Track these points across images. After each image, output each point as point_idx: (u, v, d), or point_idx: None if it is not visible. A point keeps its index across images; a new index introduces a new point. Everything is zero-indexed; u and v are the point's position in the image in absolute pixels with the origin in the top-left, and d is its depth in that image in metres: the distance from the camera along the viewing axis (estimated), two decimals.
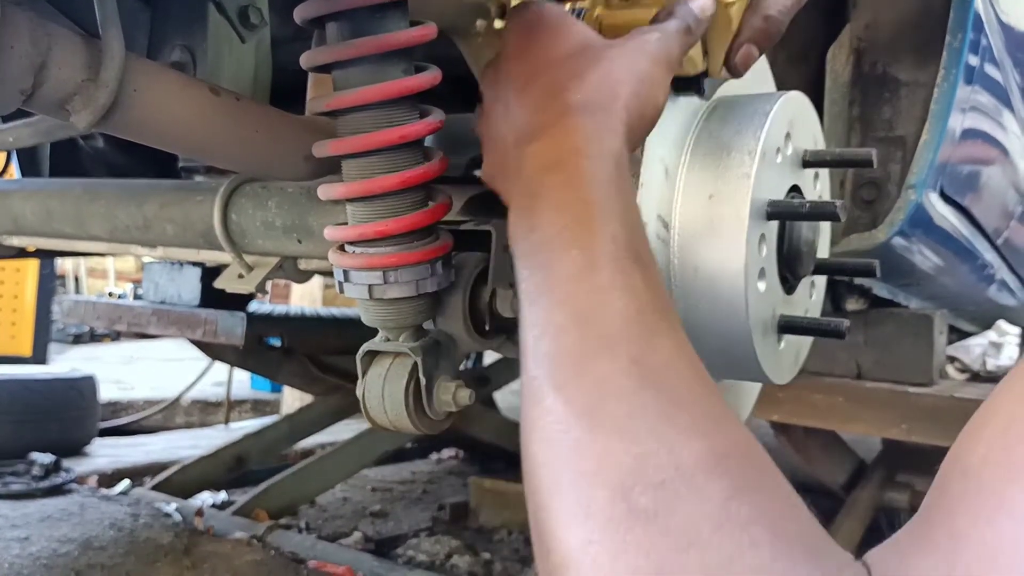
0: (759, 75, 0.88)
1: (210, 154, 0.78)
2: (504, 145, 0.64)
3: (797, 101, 0.80)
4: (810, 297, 0.87)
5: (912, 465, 2.33)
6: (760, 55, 0.72)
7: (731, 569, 0.39)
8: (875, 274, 0.84)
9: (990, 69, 1.47)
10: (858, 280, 1.67)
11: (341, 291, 0.76)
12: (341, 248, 0.76)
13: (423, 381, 0.75)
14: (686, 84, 0.72)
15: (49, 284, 4.90)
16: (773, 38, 0.72)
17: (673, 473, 0.43)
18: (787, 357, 0.82)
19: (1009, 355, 1.92)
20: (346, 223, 0.75)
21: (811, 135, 0.83)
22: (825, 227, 0.90)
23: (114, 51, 0.64)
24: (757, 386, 0.98)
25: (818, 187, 0.87)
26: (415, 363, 0.75)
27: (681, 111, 0.75)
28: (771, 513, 0.43)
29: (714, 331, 0.71)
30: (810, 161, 0.80)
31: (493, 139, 0.67)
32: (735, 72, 0.71)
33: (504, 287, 0.81)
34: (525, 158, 0.60)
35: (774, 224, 0.76)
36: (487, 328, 0.81)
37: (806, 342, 0.89)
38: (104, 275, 9.66)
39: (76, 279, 9.35)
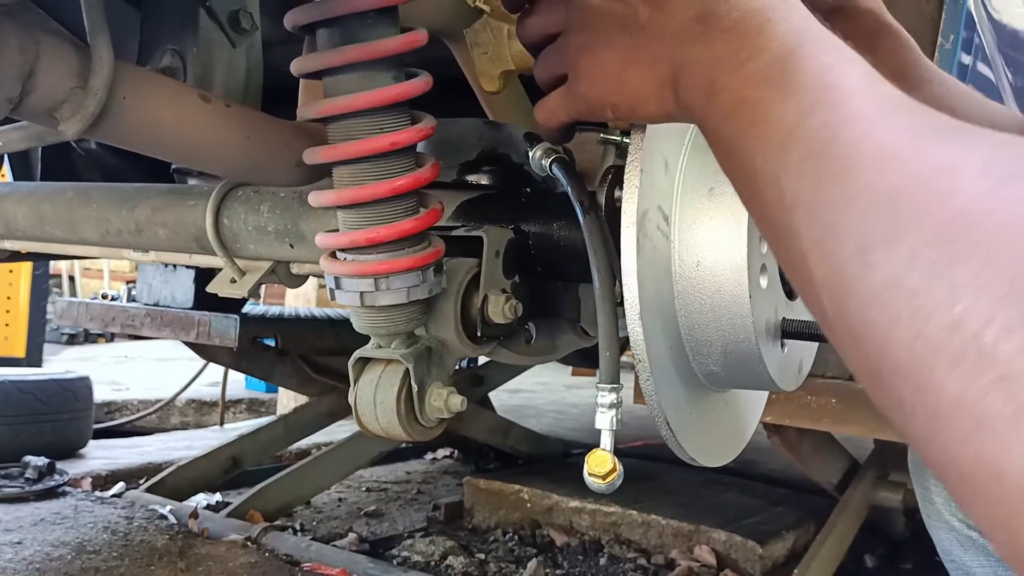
0: None
1: (201, 161, 0.78)
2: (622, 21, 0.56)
3: None
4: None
5: (905, 464, 2.33)
6: None
7: None
8: None
9: (982, 67, 1.48)
10: None
11: (332, 298, 0.76)
12: (333, 255, 0.76)
13: (415, 388, 0.75)
14: None
15: (43, 285, 4.89)
16: None
17: None
18: (791, 363, 0.82)
19: None
20: (338, 229, 0.75)
21: None
22: None
23: (103, 58, 0.63)
24: (762, 401, 0.98)
25: None
26: (407, 370, 0.75)
27: None
28: None
29: (718, 326, 0.71)
30: None
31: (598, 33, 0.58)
32: None
33: (496, 293, 0.81)
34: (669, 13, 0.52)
35: None
36: (479, 334, 0.81)
37: (809, 352, 0.89)
38: (99, 275, 9.64)
39: (71, 279, 9.33)
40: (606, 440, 0.68)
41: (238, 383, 4.74)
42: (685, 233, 0.71)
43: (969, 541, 0.98)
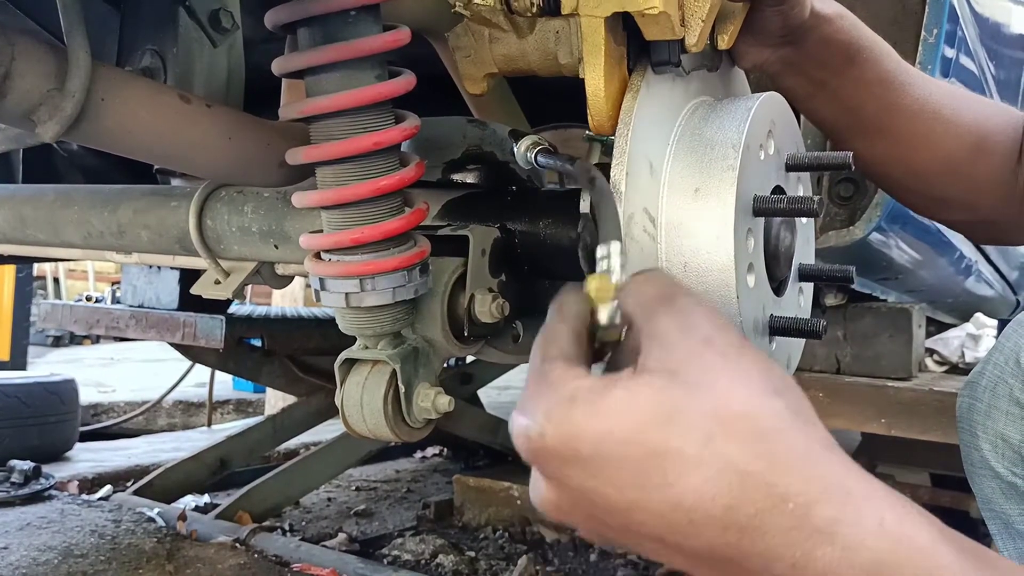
0: (736, 80, 0.87)
1: (182, 163, 0.77)
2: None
3: (777, 101, 0.80)
4: (799, 304, 0.87)
5: (892, 456, 2.35)
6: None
7: None
8: (852, 281, 0.84)
9: (965, 60, 1.48)
10: None
11: (318, 299, 0.75)
12: (317, 255, 0.75)
13: (402, 389, 0.75)
14: (660, 52, 0.70)
15: (26, 287, 4.85)
16: None
17: None
18: (779, 359, 0.82)
19: (987, 347, 1.94)
20: (322, 230, 0.74)
21: (792, 138, 0.83)
22: (809, 234, 0.90)
23: (80, 60, 0.63)
24: None
25: (800, 191, 0.86)
26: (393, 371, 0.74)
27: (663, 109, 0.74)
28: None
29: None
30: (791, 165, 0.80)
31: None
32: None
33: (482, 292, 0.81)
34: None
35: (760, 221, 0.75)
36: (466, 334, 0.81)
37: (797, 347, 0.88)
38: (84, 276, 9.57)
39: (56, 281, 9.26)
40: None
41: (225, 384, 4.72)
42: (672, 235, 0.71)
43: (1012, 489, 0.98)
